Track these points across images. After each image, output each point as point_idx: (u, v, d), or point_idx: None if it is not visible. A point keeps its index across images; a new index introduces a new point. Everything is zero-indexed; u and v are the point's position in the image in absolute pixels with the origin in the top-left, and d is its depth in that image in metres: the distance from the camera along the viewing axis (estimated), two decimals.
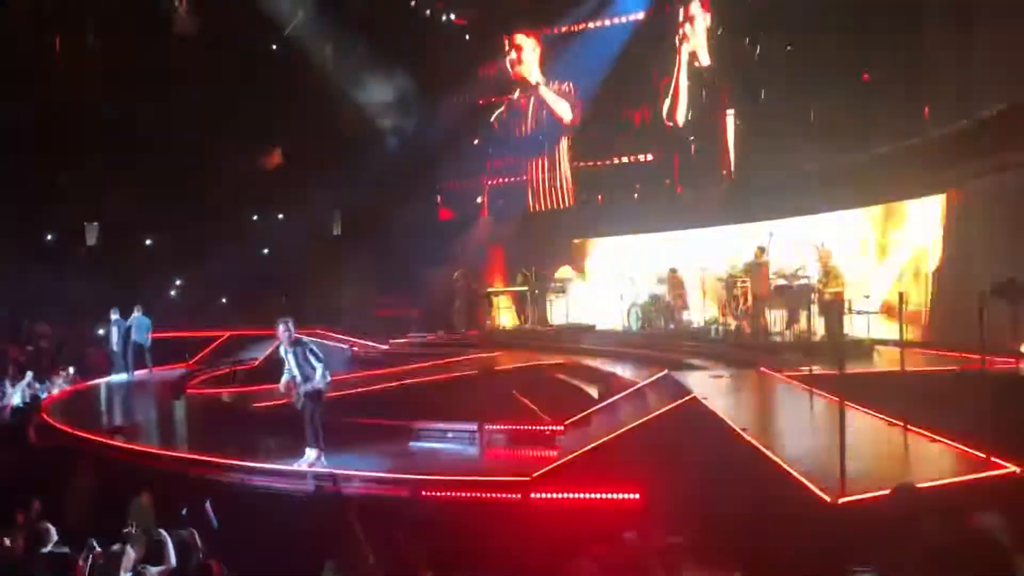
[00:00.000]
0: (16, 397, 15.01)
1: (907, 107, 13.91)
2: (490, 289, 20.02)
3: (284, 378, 9.63)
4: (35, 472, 9.46)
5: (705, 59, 18.77)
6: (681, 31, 19.27)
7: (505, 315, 20.37)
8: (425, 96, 22.19)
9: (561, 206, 22.08)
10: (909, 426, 7.44)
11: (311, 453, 9.62)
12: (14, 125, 19.94)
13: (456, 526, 7.82)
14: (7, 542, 6.03)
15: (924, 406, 7.69)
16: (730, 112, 18.15)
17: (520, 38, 22.01)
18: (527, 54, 21.93)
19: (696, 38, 18.97)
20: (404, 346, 19.53)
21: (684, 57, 19.27)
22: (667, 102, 19.60)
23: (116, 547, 5.99)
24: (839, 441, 5.96)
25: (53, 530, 6.26)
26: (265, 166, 21.17)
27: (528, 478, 8.25)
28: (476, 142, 22.62)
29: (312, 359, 9.53)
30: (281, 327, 9.61)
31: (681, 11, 19.24)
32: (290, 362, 9.55)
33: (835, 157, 14.89)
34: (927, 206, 13.61)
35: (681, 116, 19.42)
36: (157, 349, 18.22)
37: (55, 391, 16.03)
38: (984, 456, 6.34)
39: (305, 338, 9.89)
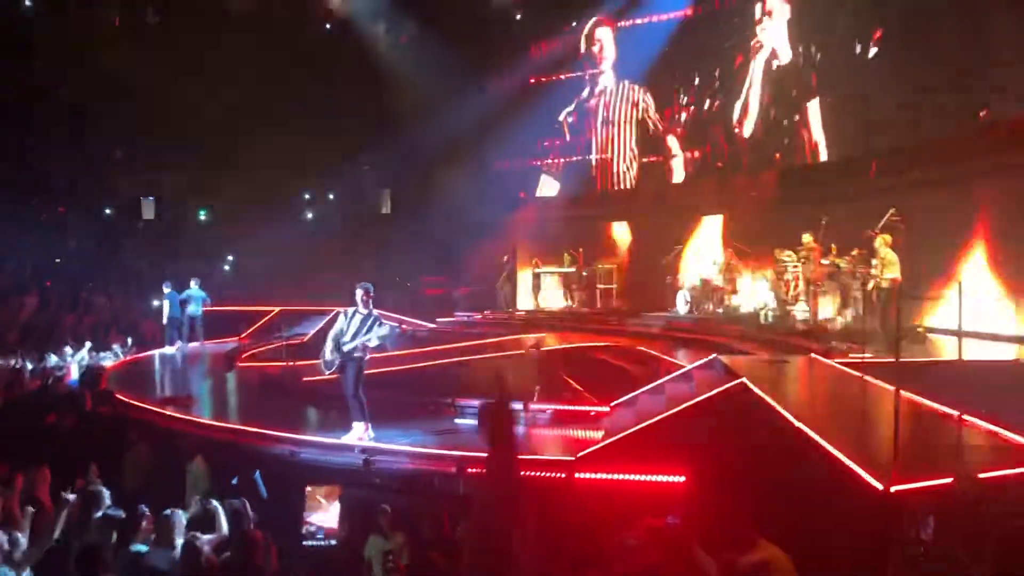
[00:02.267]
0: (75, 366, 15.46)
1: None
2: (537, 269, 20.00)
3: (329, 344, 9.62)
4: (94, 438, 9.71)
5: (786, 56, 17.51)
6: (758, 28, 18.03)
7: (552, 296, 20.35)
8: (476, 76, 22.17)
9: (625, 187, 21.54)
10: (964, 415, 7.27)
11: (358, 427, 9.73)
12: (72, 101, 20.43)
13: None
14: (66, 503, 6.18)
15: (980, 395, 7.53)
16: (813, 102, 16.85)
17: (601, 31, 21.47)
18: (608, 46, 21.40)
19: (776, 34, 17.71)
20: (451, 325, 19.64)
21: (760, 61, 18.07)
22: (737, 107, 18.56)
23: (168, 512, 6.13)
24: (893, 428, 5.85)
25: (106, 493, 6.42)
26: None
27: (573, 458, 8.27)
28: (534, 120, 22.31)
29: (376, 329, 9.52)
30: (361, 291, 9.67)
31: (758, 7, 18.06)
32: (354, 325, 9.54)
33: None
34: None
35: (749, 127, 18.38)
36: (210, 322, 18.60)
37: (112, 361, 16.47)
38: None
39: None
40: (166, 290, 18.06)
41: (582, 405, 11.10)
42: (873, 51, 15.08)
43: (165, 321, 18.13)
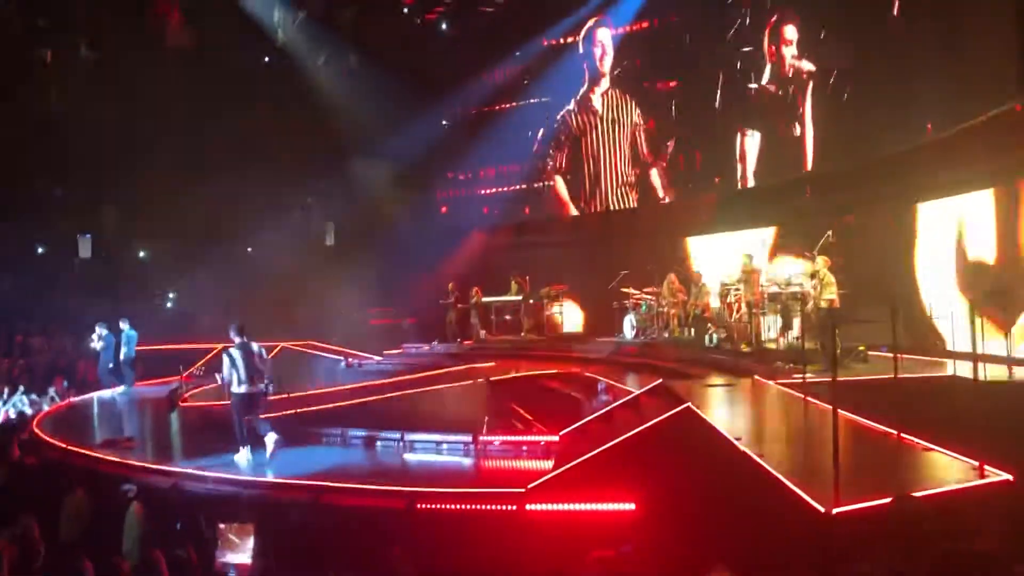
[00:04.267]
0: (9, 411, 15.00)
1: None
2: (485, 298, 20.00)
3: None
4: (26, 488, 9.40)
5: (808, 66, 16.55)
6: (776, 52, 17.12)
7: (499, 324, 20.33)
8: (421, 105, 22.25)
9: (622, 206, 21.23)
10: (902, 434, 7.45)
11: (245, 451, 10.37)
12: (6, 137, 19.94)
13: (451, 538, 7.81)
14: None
15: (917, 413, 7.72)
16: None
17: (602, 33, 21.19)
18: (609, 49, 21.18)
19: (791, 53, 16.86)
20: (399, 357, 19.50)
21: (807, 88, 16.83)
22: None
23: (113, 561, 5.96)
24: (833, 450, 5.96)
25: (41, 550, 6.22)
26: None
27: (523, 489, 8.24)
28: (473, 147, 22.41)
29: (224, 365, 10.44)
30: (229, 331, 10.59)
31: (770, 32, 17.23)
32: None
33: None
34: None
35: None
36: (151, 361, 18.19)
37: (47, 405, 15.98)
38: (977, 464, 6.35)
39: (231, 348, 10.54)
40: (124, 327, 17.60)
41: (532, 435, 11.09)
42: None
43: (123, 360, 17.64)
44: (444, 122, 22.41)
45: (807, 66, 16.40)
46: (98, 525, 8.33)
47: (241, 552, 6.88)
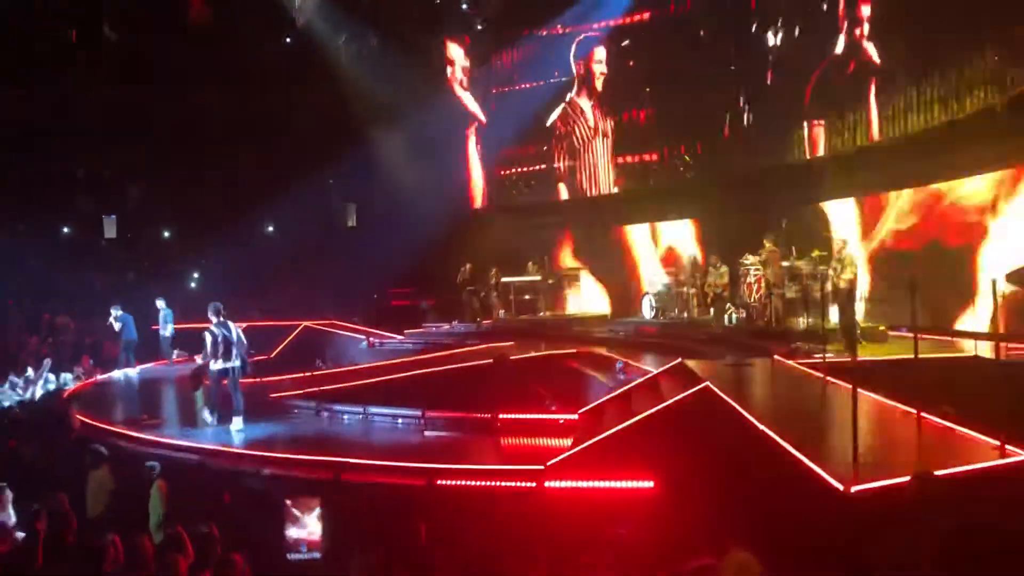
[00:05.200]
0: (38, 390, 15.23)
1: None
2: (504, 279, 20.03)
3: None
4: (57, 464, 9.58)
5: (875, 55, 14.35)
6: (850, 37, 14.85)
7: (517, 304, 20.37)
8: (439, 86, 22.18)
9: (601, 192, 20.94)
10: (923, 413, 7.42)
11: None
12: (32, 119, 20.14)
13: (470, 514, 7.88)
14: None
15: (938, 393, 7.68)
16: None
17: (599, 53, 20.80)
18: (604, 68, 20.81)
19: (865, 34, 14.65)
20: (419, 336, 19.60)
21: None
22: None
23: (138, 539, 6.05)
24: (852, 429, 5.96)
25: (75, 521, 6.34)
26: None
27: (542, 467, 8.31)
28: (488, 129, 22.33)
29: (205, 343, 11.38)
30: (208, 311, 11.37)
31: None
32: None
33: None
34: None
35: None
36: (177, 341, 18.50)
37: (72, 384, 16.20)
38: (999, 443, 6.32)
39: (211, 327, 11.35)
40: (161, 305, 18.01)
41: (551, 413, 11.14)
42: None
43: (169, 336, 18.23)
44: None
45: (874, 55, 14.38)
46: (123, 502, 8.47)
47: (307, 527, 7.01)
